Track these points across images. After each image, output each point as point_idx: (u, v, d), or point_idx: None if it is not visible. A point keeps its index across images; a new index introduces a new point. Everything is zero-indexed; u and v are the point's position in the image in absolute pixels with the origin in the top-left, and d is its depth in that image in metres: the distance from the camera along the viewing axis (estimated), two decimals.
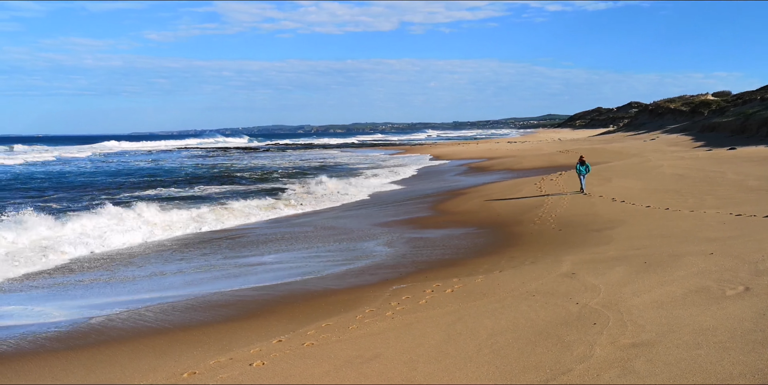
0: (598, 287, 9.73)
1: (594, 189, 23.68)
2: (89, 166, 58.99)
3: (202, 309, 10.61)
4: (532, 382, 6.30)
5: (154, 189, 34.90)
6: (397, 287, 11.34)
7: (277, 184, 35.28)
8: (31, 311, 11.06)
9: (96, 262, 15.73)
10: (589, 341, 7.31)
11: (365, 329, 8.71)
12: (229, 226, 21.22)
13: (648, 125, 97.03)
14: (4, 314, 10.96)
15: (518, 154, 51.81)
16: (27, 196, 32.31)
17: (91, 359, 8.34)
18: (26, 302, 11.79)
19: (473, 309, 9.23)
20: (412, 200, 26.28)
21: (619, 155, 41.56)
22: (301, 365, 7.39)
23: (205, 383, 6.99)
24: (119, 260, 15.78)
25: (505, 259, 13.24)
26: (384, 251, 15.30)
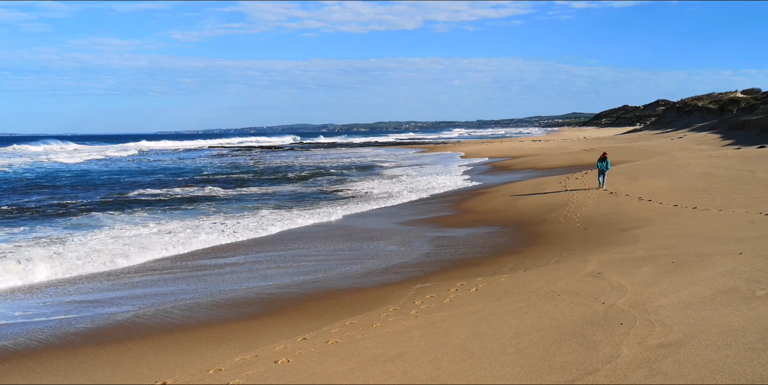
0: (625, 287, 9.62)
1: (620, 188, 23.44)
2: (166, 163, 60.34)
3: (227, 306, 10.69)
4: (557, 382, 6.25)
5: (237, 187, 35.19)
6: (421, 285, 11.33)
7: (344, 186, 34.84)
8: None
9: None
10: (616, 341, 7.24)
11: (389, 328, 8.71)
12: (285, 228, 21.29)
13: (675, 123, 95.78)
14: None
15: (542, 153, 51.43)
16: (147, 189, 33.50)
17: (119, 355, 8.44)
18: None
19: (498, 308, 9.19)
20: (437, 198, 26.23)
21: (646, 154, 41.08)
22: (326, 362, 7.42)
23: (230, 379, 7.04)
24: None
25: (530, 258, 13.16)
26: (407, 249, 15.28)
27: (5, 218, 23.02)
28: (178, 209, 24.96)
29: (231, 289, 11.93)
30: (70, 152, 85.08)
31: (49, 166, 55.76)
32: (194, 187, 35.01)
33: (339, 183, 36.36)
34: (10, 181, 41.01)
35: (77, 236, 18.04)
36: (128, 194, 31.33)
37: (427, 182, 33.50)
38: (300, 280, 12.49)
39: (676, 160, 33.33)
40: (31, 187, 36.47)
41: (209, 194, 31.25)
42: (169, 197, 29.66)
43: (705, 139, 55.99)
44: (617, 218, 17.44)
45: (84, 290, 12.39)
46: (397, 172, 42.28)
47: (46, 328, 9.76)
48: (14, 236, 18.40)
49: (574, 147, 57.85)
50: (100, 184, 38.13)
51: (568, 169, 34.46)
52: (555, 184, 26.68)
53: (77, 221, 21.69)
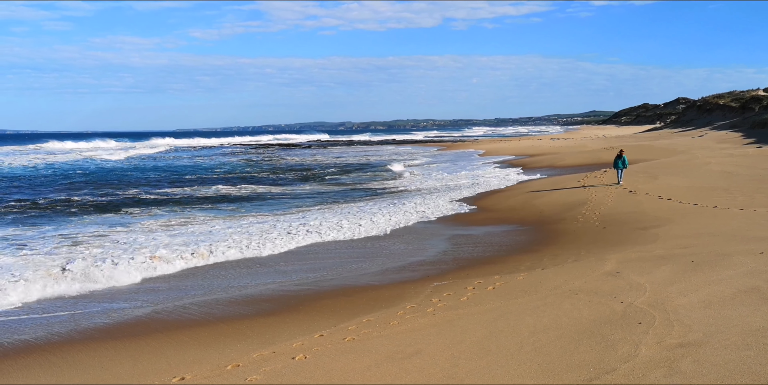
0: (644, 286, 9.56)
1: (640, 187, 23.25)
2: (206, 160, 61.08)
3: (245, 303, 10.75)
4: (575, 381, 6.22)
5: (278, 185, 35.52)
6: (438, 283, 11.33)
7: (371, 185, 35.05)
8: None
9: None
10: (635, 340, 7.19)
11: (406, 325, 8.72)
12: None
13: (696, 122, 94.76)
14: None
15: (561, 151, 51.10)
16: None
17: (137, 350, 8.53)
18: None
19: (515, 307, 9.16)
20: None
21: (666, 152, 40.69)
22: (343, 359, 7.44)
23: (248, 375, 7.09)
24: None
25: (548, 257, 13.10)
26: (424, 247, 15.27)
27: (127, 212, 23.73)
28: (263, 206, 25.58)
29: (253, 283, 12.00)
30: (112, 149, 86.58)
31: (103, 163, 57.12)
32: (258, 185, 35.24)
33: (372, 181, 36.69)
34: (90, 174, 43.73)
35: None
36: (205, 189, 32.45)
37: (448, 180, 33.45)
38: (315, 277, 12.52)
39: (697, 159, 32.98)
40: (101, 183, 37.51)
41: (291, 190, 31.98)
42: (244, 194, 30.26)
43: (726, 137, 55.34)
44: (636, 217, 17.31)
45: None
46: (417, 171, 42.29)
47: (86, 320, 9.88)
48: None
49: (593, 145, 57.43)
50: (167, 180, 39.09)
51: (587, 167, 34.21)
52: (573, 182, 26.52)
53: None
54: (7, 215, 23.08)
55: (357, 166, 50.12)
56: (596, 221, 17.22)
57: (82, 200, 27.84)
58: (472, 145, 75.94)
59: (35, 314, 10.52)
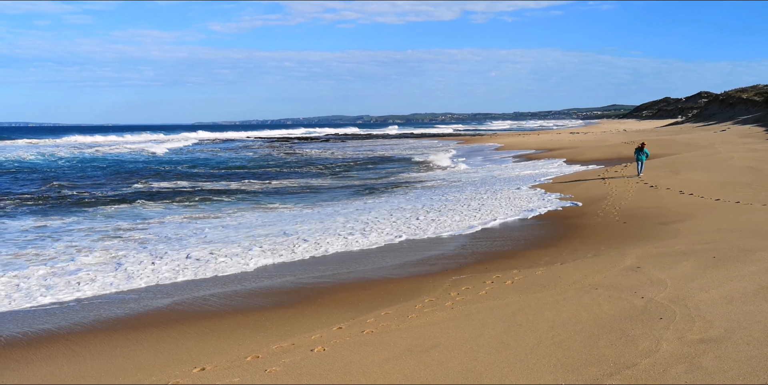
0: (665, 282, 9.48)
1: (661, 181, 23.03)
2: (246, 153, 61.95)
3: (264, 295, 10.82)
4: (595, 375, 6.20)
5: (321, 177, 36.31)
6: (456, 277, 11.31)
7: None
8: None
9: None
10: (655, 335, 7.14)
11: (425, 319, 8.73)
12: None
13: (718, 116, 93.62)
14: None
15: (581, 145, 50.76)
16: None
17: (158, 341, 8.62)
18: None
19: (534, 301, 9.13)
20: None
21: (688, 147, 40.26)
22: (361, 352, 7.47)
23: (268, 367, 7.15)
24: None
25: (567, 251, 13.04)
26: (443, 241, 15.25)
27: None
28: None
29: (268, 276, 12.07)
30: (149, 142, 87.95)
31: (151, 156, 58.26)
32: (313, 178, 35.66)
33: (393, 175, 36.78)
34: (147, 166, 45.37)
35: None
36: (272, 182, 33.18)
37: (466, 174, 33.38)
38: (334, 270, 12.56)
39: (719, 154, 32.59)
40: (165, 174, 38.50)
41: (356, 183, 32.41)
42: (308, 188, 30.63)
43: (749, 132, 54.60)
44: (657, 212, 17.15)
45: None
46: (436, 164, 42.26)
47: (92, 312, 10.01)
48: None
49: (614, 140, 56.96)
50: (233, 173, 39.51)
51: (607, 162, 33.96)
52: (593, 176, 26.34)
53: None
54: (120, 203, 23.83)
55: (398, 158, 50.76)
56: (616, 216, 17.09)
57: (162, 190, 29.10)
58: (490, 139, 75.62)
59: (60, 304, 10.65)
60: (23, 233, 17.57)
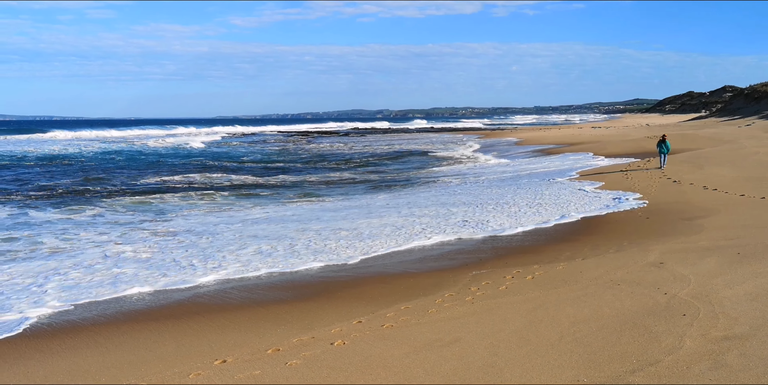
0: (688, 278, 9.37)
1: (684, 176, 22.77)
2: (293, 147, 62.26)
3: (285, 289, 10.86)
4: (617, 372, 6.15)
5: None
6: (476, 272, 11.27)
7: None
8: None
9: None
10: (679, 332, 7.07)
11: (445, 313, 8.71)
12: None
13: (743, 110, 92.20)
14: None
15: (602, 140, 50.28)
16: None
17: (180, 332, 8.69)
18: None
19: (555, 296, 9.08)
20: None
21: (712, 142, 39.73)
22: (381, 346, 7.47)
23: (288, 360, 7.17)
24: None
25: (588, 246, 12.93)
26: (463, 235, 15.19)
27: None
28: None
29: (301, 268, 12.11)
30: (193, 136, 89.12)
31: (194, 149, 60.14)
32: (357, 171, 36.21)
33: (421, 168, 36.95)
34: (199, 159, 46.26)
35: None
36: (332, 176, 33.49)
37: (483, 168, 33.26)
38: (354, 263, 12.57)
39: (744, 149, 32.13)
40: (220, 168, 39.20)
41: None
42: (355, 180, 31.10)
43: None
44: (680, 207, 16.95)
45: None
46: (457, 158, 42.16)
47: (112, 305, 10.12)
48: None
49: (636, 134, 56.36)
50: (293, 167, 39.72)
51: (630, 156, 33.62)
52: (616, 171, 26.09)
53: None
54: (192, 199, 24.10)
55: (421, 152, 50.90)
56: (639, 211, 16.91)
57: (218, 184, 29.69)
58: (509, 134, 75.17)
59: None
60: (102, 225, 17.81)
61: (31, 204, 22.39)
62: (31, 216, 19.46)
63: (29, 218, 19.17)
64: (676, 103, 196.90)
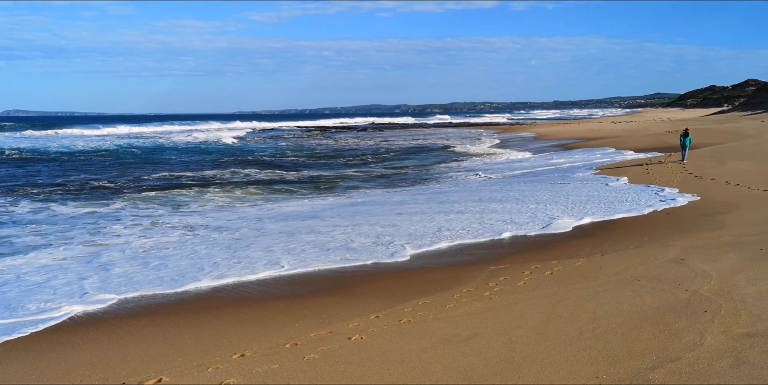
0: (710, 274, 9.26)
1: (706, 171, 22.49)
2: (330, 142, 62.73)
3: (303, 283, 10.89)
4: (637, 368, 6.08)
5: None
6: (494, 267, 11.23)
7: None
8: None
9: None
10: (700, 329, 6.98)
11: (462, 309, 8.68)
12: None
13: (766, 104, 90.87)
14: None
15: (623, 135, 49.81)
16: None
17: (199, 326, 8.75)
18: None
19: (573, 292, 9.01)
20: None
21: (734, 136, 39.20)
22: (399, 341, 7.47)
23: (306, 354, 7.19)
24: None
25: (608, 242, 12.82)
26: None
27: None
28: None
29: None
30: (222, 131, 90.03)
31: (228, 145, 61.10)
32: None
33: (438, 163, 36.96)
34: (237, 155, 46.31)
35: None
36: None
37: (499, 163, 33.11)
38: (371, 258, 12.56)
39: (767, 143, 31.66)
40: (260, 163, 39.53)
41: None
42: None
43: None
44: (702, 203, 16.75)
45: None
46: (472, 152, 42.05)
47: (134, 298, 10.22)
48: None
49: (657, 129, 55.78)
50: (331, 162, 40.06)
51: (651, 151, 33.28)
52: (636, 166, 25.84)
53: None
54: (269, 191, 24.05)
55: (436, 147, 50.29)
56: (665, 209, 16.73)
57: (263, 179, 29.84)
58: (528, 129, 74.74)
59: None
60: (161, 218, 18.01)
61: (98, 197, 23.37)
62: (101, 210, 20.10)
63: (95, 208, 20.16)
64: (698, 98, 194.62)
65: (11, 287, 10.97)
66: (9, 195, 23.91)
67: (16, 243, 14.94)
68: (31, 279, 11.48)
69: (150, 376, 6.95)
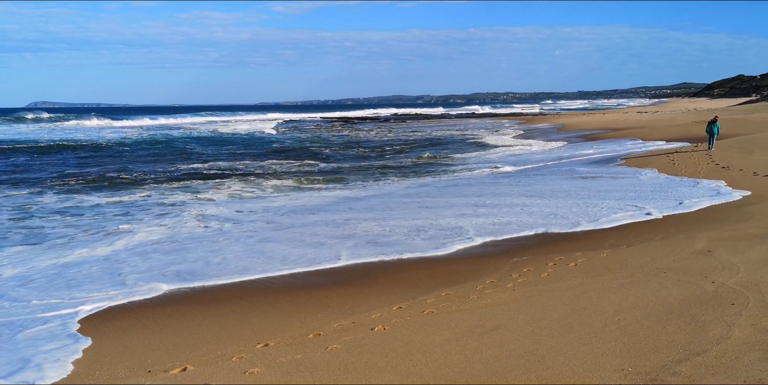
0: (737, 266, 9.12)
1: (733, 162, 22.13)
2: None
3: (326, 274, 10.93)
4: (663, 361, 6.02)
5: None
6: (518, 259, 11.16)
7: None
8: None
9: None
10: (727, 321, 6.88)
11: (486, 300, 8.65)
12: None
13: None
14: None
15: (648, 125, 49.19)
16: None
17: (223, 316, 8.82)
18: None
19: (598, 284, 8.93)
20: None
21: (762, 126, 38.51)
22: (421, 332, 7.46)
23: (329, 344, 7.22)
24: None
25: (633, 234, 12.68)
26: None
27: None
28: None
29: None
30: (257, 122, 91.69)
31: (270, 135, 62.34)
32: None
33: (459, 153, 36.60)
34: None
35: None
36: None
37: (522, 154, 32.90)
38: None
39: None
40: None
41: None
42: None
43: None
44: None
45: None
46: (492, 143, 41.82)
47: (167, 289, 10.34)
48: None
49: (683, 119, 54.98)
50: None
51: (678, 141, 32.83)
52: (662, 157, 25.51)
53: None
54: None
55: (458, 139, 50.13)
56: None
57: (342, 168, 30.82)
58: (552, 119, 74.10)
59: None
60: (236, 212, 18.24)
61: (192, 186, 24.02)
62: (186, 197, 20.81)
63: (174, 199, 20.48)
64: (726, 87, 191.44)
65: (34, 281, 11.14)
66: (111, 189, 23.66)
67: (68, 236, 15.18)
68: (57, 272, 11.66)
69: (175, 364, 7.03)
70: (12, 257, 12.80)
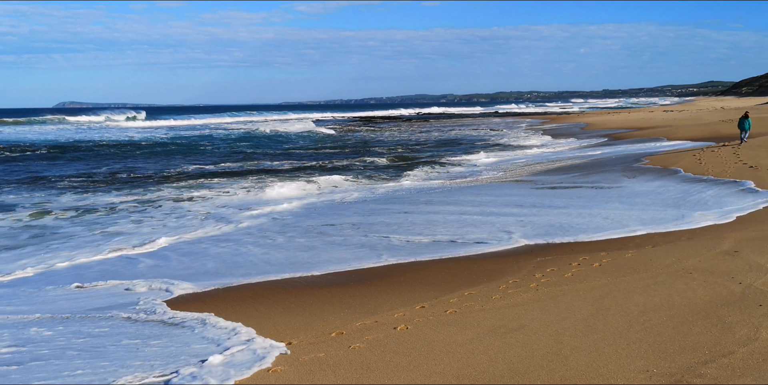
0: (765, 267, 8.98)
1: (761, 162, 21.78)
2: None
3: (348, 274, 10.96)
4: (689, 363, 5.95)
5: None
6: (541, 258, 11.11)
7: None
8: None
9: None
10: (754, 323, 6.79)
11: (509, 300, 8.62)
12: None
13: None
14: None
15: (674, 124, 48.59)
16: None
17: (246, 314, 8.88)
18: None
19: (623, 284, 8.85)
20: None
21: None
22: (444, 331, 7.46)
23: (351, 343, 7.25)
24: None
25: (659, 234, 12.55)
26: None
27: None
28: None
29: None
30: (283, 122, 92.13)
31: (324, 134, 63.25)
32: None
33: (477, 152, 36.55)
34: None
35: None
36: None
37: (545, 154, 32.69)
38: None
39: None
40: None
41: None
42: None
43: None
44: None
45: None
46: (514, 143, 41.57)
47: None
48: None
49: (710, 118, 54.21)
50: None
51: (704, 141, 32.38)
52: (688, 156, 25.18)
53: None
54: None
55: (479, 138, 49.96)
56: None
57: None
58: (576, 118, 73.51)
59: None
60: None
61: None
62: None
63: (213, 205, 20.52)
64: (754, 85, 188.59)
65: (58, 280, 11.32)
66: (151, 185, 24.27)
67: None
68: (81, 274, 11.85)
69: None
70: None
